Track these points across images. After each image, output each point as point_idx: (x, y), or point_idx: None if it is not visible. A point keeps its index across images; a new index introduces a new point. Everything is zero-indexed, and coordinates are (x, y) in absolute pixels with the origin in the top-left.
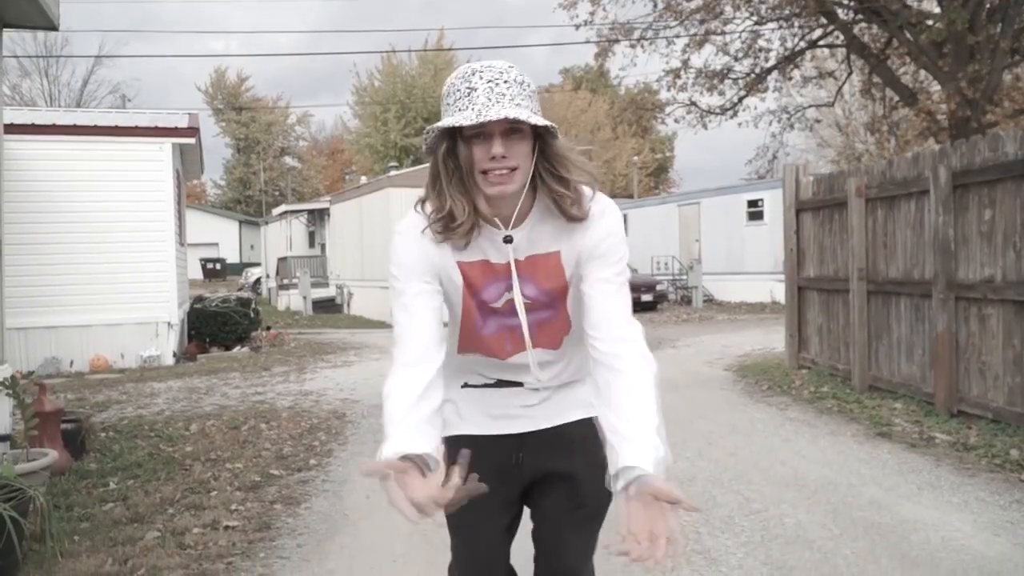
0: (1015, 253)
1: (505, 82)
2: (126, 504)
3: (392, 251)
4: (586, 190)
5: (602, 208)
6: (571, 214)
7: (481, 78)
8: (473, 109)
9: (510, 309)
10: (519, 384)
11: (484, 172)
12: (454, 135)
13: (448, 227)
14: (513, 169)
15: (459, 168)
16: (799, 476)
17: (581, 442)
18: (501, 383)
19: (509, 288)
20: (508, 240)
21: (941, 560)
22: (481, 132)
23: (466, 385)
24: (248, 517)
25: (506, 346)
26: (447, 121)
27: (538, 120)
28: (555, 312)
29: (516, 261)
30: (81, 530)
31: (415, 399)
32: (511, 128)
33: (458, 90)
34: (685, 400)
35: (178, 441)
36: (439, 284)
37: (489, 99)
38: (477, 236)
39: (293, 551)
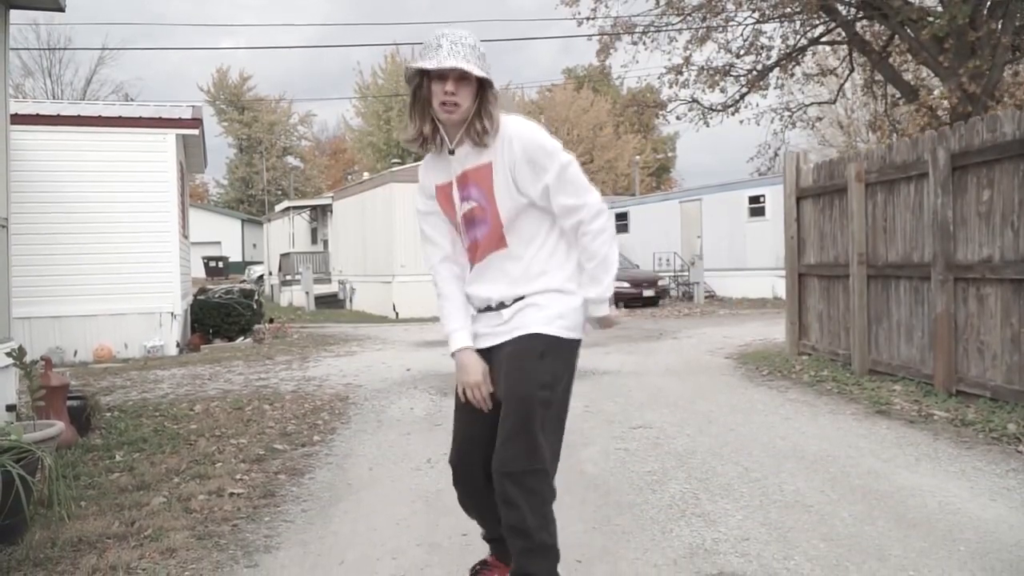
0: (1013, 232)
1: (462, 44)
2: (132, 474)
3: None
4: (502, 118)
5: (512, 125)
6: (476, 142)
7: (446, 38)
8: (437, 59)
9: (472, 218)
10: (494, 308)
11: (441, 104)
12: (424, 75)
13: (417, 140)
14: (457, 104)
15: (424, 98)
16: (798, 449)
17: (513, 355)
18: (482, 310)
19: (464, 199)
20: (451, 152)
21: (938, 521)
22: (440, 75)
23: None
24: (253, 486)
25: (479, 242)
26: (419, 63)
27: (479, 72)
28: (489, 226)
29: (461, 175)
30: (87, 496)
31: (461, 301)
32: (461, 75)
33: (430, 44)
34: (686, 384)
35: (183, 420)
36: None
37: (449, 53)
38: (444, 161)
39: (297, 515)
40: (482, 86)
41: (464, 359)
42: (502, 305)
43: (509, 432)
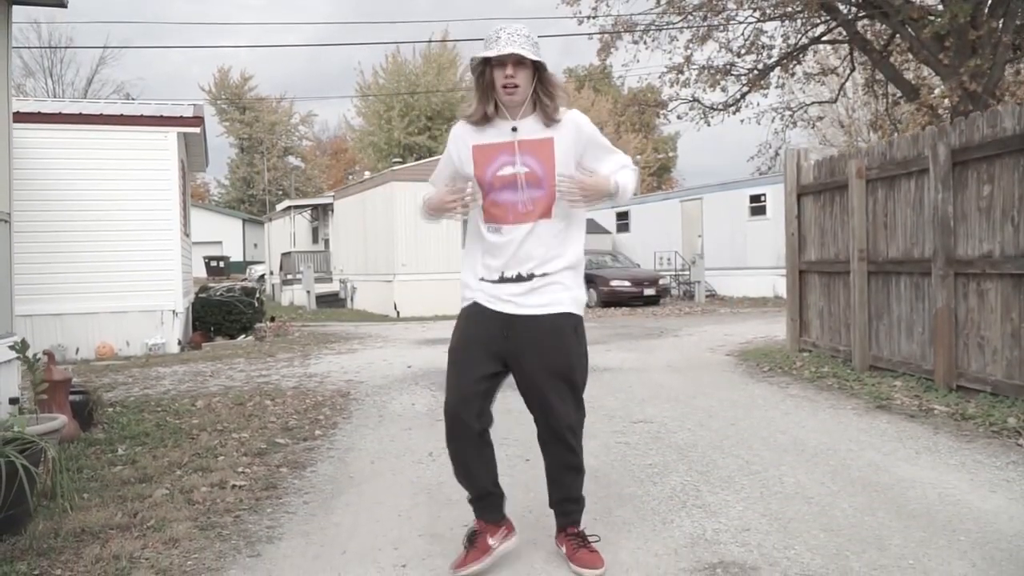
0: (1013, 227)
1: (519, 34)
2: (134, 467)
3: None
4: (562, 107)
5: (574, 114)
6: (550, 118)
7: (504, 31)
8: (497, 47)
9: (519, 183)
10: (514, 280)
11: (503, 86)
12: (487, 63)
13: (474, 119)
14: (517, 86)
15: (487, 84)
16: (798, 443)
17: (553, 330)
18: (503, 279)
19: (515, 164)
20: (514, 129)
21: (938, 512)
22: (501, 61)
23: (481, 279)
24: (255, 478)
25: (517, 206)
26: (482, 53)
27: (535, 56)
28: (545, 193)
29: (520, 141)
30: (90, 488)
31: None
32: (519, 60)
33: (491, 37)
34: (687, 381)
35: (185, 415)
36: (456, 174)
37: (507, 42)
38: (492, 127)
39: (299, 507)
40: (537, 69)
41: (433, 194)
42: (531, 276)
43: (563, 397)
